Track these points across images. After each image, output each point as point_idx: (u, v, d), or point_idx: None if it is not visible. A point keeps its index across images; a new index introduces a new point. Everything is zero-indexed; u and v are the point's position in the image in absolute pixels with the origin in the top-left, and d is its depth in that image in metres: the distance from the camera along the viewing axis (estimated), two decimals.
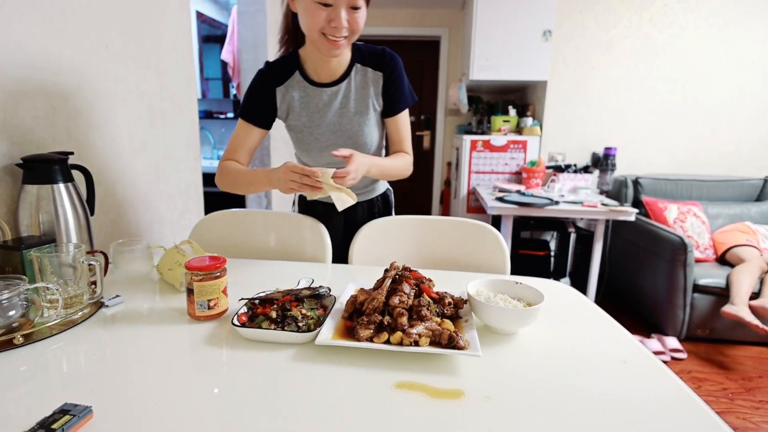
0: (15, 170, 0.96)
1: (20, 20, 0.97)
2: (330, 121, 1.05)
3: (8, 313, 0.66)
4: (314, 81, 1.05)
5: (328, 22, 0.88)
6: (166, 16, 1.48)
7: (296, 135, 1.10)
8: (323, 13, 0.87)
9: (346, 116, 1.05)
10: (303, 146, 1.10)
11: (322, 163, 1.11)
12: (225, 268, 0.77)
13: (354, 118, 1.05)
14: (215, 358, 0.64)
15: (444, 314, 0.73)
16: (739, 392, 1.82)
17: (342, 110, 1.05)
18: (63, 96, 1.09)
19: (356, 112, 1.05)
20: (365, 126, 1.06)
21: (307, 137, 1.07)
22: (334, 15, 0.87)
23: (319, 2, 0.86)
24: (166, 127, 1.51)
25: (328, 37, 0.90)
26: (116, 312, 0.79)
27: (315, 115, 1.05)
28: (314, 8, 0.87)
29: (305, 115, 1.06)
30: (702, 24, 2.79)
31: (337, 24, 0.88)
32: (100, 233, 1.23)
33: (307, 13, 0.89)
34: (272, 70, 1.05)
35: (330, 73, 1.04)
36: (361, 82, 1.05)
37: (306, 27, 0.92)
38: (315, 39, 0.92)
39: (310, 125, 1.06)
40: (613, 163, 2.87)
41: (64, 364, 0.62)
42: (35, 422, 0.46)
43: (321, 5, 0.87)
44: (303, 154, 1.14)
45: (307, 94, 1.05)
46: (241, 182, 1.01)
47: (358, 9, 0.89)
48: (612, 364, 0.65)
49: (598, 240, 2.42)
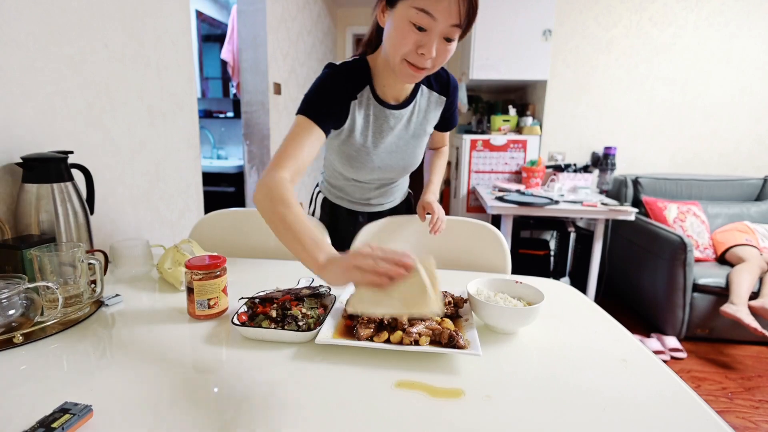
0: (15, 169, 0.96)
1: (20, 19, 0.96)
2: (388, 143, 1.00)
3: (8, 312, 0.66)
4: (383, 101, 0.95)
5: (416, 47, 0.77)
6: (166, 15, 1.48)
7: (350, 152, 1.00)
8: (415, 37, 0.76)
9: (404, 138, 1.02)
10: (355, 164, 1.02)
11: (369, 180, 1.08)
12: (225, 267, 0.77)
13: (411, 141, 1.03)
14: (215, 357, 0.64)
15: (444, 313, 0.74)
16: (738, 391, 1.82)
17: (402, 132, 1.01)
18: (63, 95, 1.09)
19: (414, 135, 1.03)
20: (419, 147, 1.06)
21: (363, 156, 1.00)
22: (425, 41, 0.76)
23: (414, 23, 0.75)
24: (166, 126, 1.51)
25: (411, 63, 0.80)
26: (116, 311, 0.79)
27: (377, 136, 0.99)
28: (407, 30, 0.76)
29: (369, 136, 0.98)
30: (702, 23, 2.79)
31: (426, 52, 0.77)
32: (100, 232, 1.23)
33: (397, 33, 0.78)
34: (348, 78, 0.91)
35: (398, 95, 0.96)
36: (425, 105, 1.02)
37: (391, 47, 0.81)
38: (396, 63, 0.81)
39: (371, 146, 0.99)
40: (612, 162, 2.87)
41: (64, 363, 0.62)
42: (35, 421, 0.46)
43: (415, 28, 0.75)
44: (350, 171, 1.05)
45: (375, 114, 0.96)
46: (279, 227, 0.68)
47: (451, 41, 0.78)
48: (612, 363, 0.65)
49: (597, 239, 2.42)
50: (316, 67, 3.57)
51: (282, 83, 2.75)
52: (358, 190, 1.12)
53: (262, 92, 2.54)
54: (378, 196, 1.16)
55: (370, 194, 1.14)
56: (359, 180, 1.08)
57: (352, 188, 1.12)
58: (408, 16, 0.75)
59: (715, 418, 0.52)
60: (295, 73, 3.04)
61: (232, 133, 3.42)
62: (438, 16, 0.73)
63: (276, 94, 2.65)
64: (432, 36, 0.76)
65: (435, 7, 0.72)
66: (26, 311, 0.68)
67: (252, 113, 2.58)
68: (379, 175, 1.07)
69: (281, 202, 0.69)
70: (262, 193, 0.72)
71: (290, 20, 2.86)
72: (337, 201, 1.17)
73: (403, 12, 0.75)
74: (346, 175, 1.08)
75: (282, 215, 0.68)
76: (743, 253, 2.22)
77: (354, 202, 1.17)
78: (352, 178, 1.08)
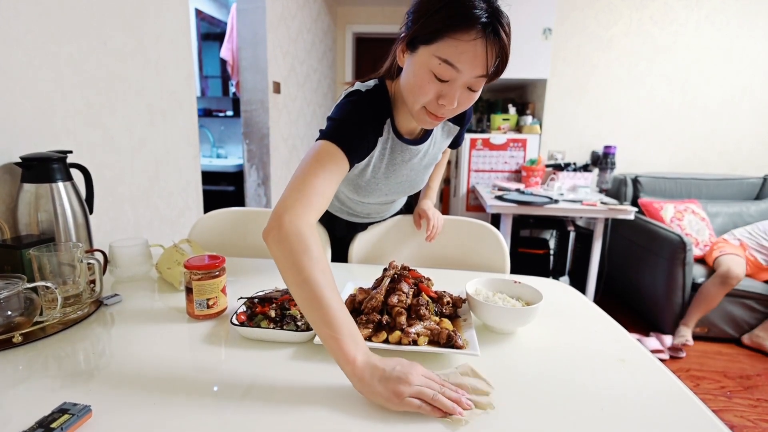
0: (14, 169, 0.96)
1: (19, 17, 0.96)
2: (401, 175, 0.96)
3: (7, 312, 0.66)
4: (401, 135, 0.88)
5: (437, 97, 0.70)
6: (166, 13, 1.47)
7: (360, 183, 0.94)
8: (436, 87, 0.69)
9: (416, 170, 0.98)
10: (362, 192, 0.97)
11: (373, 203, 1.06)
12: (224, 267, 0.78)
13: (421, 170, 1.00)
14: (214, 356, 0.64)
15: (443, 313, 0.74)
16: (737, 390, 1.83)
17: (416, 165, 0.97)
18: (62, 93, 1.09)
19: (426, 165, 1.00)
20: (428, 174, 1.04)
21: (372, 186, 0.95)
22: (447, 92, 0.69)
23: (435, 74, 0.67)
24: (166, 125, 1.51)
25: (430, 111, 0.73)
26: (115, 311, 0.79)
27: (390, 169, 0.93)
28: (427, 79, 0.68)
29: (381, 168, 0.92)
30: (702, 22, 2.79)
31: (447, 103, 0.70)
32: (99, 231, 1.23)
33: (417, 81, 0.70)
34: (377, 112, 0.81)
35: (414, 129, 0.90)
36: (440, 136, 0.98)
37: (409, 93, 0.73)
38: (414, 109, 0.74)
39: (381, 178, 0.94)
40: (612, 161, 2.87)
41: (63, 363, 0.62)
42: (34, 421, 0.47)
43: (436, 78, 0.68)
44: (355, 195, 0.99)
45: (392, 148, 0.89)
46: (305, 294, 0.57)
47: (475, 92, 0.71)
48: (610, 363, 0.65)
49: (597, 238, 2.42)
50: (315, 65, 3.57)
51: (282, 82, 2.75)
52: (359, 206, 1.09)
53: (262, 91, 2.54)
54: (378, 212, 1.15)
55: (370, 209, 1.12)
56: (362, 201, 1.05)
57: (354, 204, 1.09)
58: (429, 65, 0.67)
59: (713, 418, 0.53)
60: (295, 71, 3.03)
61: (232, 131, 3.42)
62: (462, 67, 0.65)
63: (275, 93, 2.65)
64: (454, 87, 0.68)
65: (458, 59, 0.64)
66: (25, 311, 0.68)
67: (251, 112, 2.58)
68: (384, 200, 1.05)
69: (319, 269, 0.57)
70: (286, 243, 0.59)
71: (290, 18, 2.85)
72: (337, 213, 1.14)
73: (425, 59, 0.67)
74: (350, 197, 1.03)
75: (318, 285, 0.56)
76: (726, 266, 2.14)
77: (354, 215, 1.14)
78: (354, 198, 1.04)
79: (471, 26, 0.62)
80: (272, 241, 0.61)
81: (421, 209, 1.14)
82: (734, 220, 2.62)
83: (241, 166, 2.87)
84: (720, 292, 2.10)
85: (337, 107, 0.80)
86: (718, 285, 2.09)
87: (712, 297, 2.11)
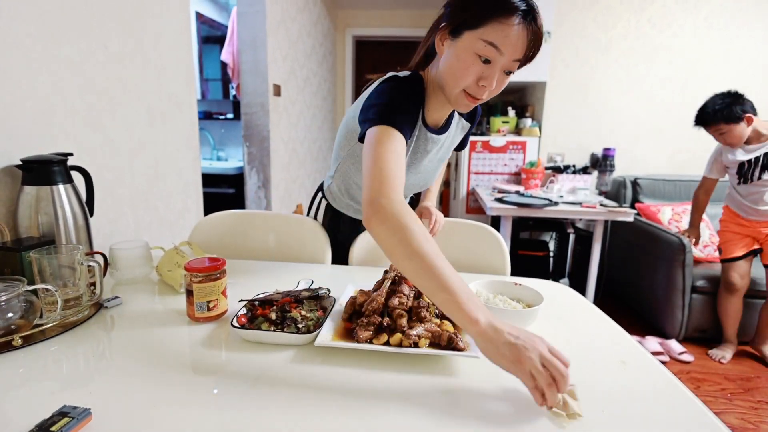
0: (14, 171, 0.96)
1: (19, 20, 0.96)
2: (420, 165, 0.99)
3: (7, 314, 0.66)
4: (428, 125, 0.92)
5: (477, 79, 0.75)
6: (166, 16, 1.48)
7: None
8: (479, 68, 0.74)
9: (433, 162, 1.02)
10: None
11: None
12: (224, 269, 0.77)
13: (436, 164, 1.03)
14: (215, 359, 0.64)
15: (443, 316, 0.74)
16: (737, 392, 1.82)
17: (434, 156, 1.00)
18: (62, 96, 1.09)
19: (441, 159, 1.03)
20: (439, 169, 1.07)
21: None
22: (488, 74, 0.74)
23: (480, 55, 0.72)
24: (166, 128, 1.51)
25: (469, 94, 0.78)
26: (115, 313, 0.79)
27: (413, 159, 0.95)
28: (471, 61, 0.74)
29: (408, 158, 0.93)
30: (701, 24, 2.80)
31: (488, 84, 0.75)
32: (99, 234, 1.23)
33: (461, 64, 0.75)
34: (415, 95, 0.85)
35: (439, 119, 0.94)
36: (455, 131, 1.02)
37: (451, 76, 0.77)
38: (454, 93, 0.79)
39: (407, 167, 0.95)
40: (611, 163, 2.87)
41: (63, 366, 0.62)
42: (34, 424, 0.46)
43: (480, 60, 0.73)
44: None
45: (418, 137, 0.92)
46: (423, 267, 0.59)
47: (510, 73, 0.77)
48: (611, 365, 0.65)
49: (597, 240, 2.42)
50: (315, 68, 3.58)
51: (282, 85, 2.76)
52: None
53: (262, 94, 2.55)
54: None
55: None
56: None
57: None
58: (475, 48, 0.73)
59: (714, 420, 0.53)
60: (295, 74, 3.04)
61: (232, 134, 3.42)
62: (505, 50, 0.71)
63: (276, 96, 2.66)
64: (495, 68, 0.74)
65: (504, 41, 0.71)
66: (25, 314, 0.68)
67: (252, 115, 2.58)
68: None
69: (424, 239, 0.60)
70: (389, 223, 0.62)
71: (290, 22, 2.86)
72: (343, 209, 1.14)
73: (470, 43, 0.73)
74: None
75: (429, 255, 0.59)
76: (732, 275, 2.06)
77: (359, 212, 1.15)
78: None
79: (513, 12, 0.70)
80: (376, 225, 0.64)
81: (423, 207, 1.16)
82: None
83: (241, 168, 2.87)
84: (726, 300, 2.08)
85: (377, 92, 0.82)
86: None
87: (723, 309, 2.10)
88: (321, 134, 3.89)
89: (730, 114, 1.93)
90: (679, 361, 2.06)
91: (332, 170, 1.08)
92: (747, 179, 1.98)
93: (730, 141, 1.96)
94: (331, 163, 1.08)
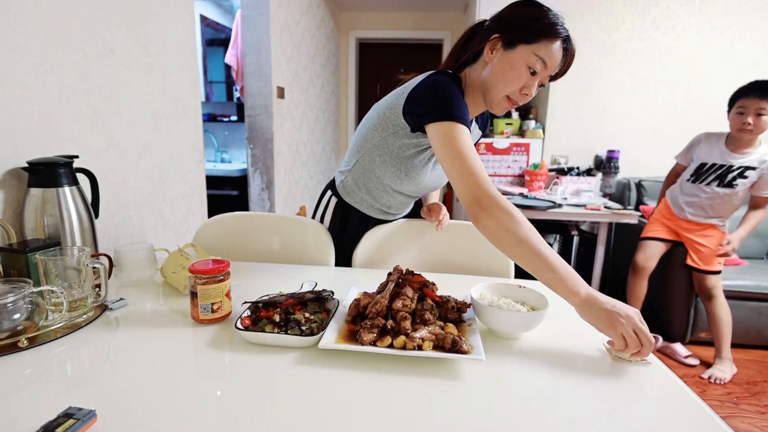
0: (21, 173, 0.97)
1: (26, 25, 0.97)
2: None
3: (13, 316, 0.66)
4: None
5: (521, 88, 0.86)
6: (171, 20, 1.49)
7: (411, 164, 0.98)
8: (525, 79, 0.85)
9: None
10: (404, 177, 1.00)
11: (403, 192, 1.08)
12: (228, 271, 0.78)
13: None
14: (218, 361, 0.64)
15: (447, 318, 0.73)
16: (744, 397, 1.81)
17: None
18: (68, 99, 1.10)
19: None
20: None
21: (418, 171, 0.99)
22: (531, 83, 0.85)
23: (530, 67, 0.83)
24: (170, 130, 1.52)
25: (511, 99, 0.88)
26: (120, 315, 0.80)
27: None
28: (523, 71, 0.84)
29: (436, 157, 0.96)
30: (705, 26, 2.79)
31: (529, 93, 0.86)
32: (104, 236, 1.23)
33: (514, 73, 0.84)
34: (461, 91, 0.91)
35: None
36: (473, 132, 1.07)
37: (500, 83, 0.87)
38: (498, 97, 0.88)
39: (432, 164, 1.00)
40: (616, 165, 2.86)
41: (68, 368, 0.62)
42: (39, 426, 0.46)
43: (529, 71, 0.84)
44: (393, 181, 1.02)
45: None
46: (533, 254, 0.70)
47: (540, 88, 0.88)
48: (616, 369, 0.64)
49: (601, 243, 2.41)
50: (319, 71, 3.59)
51: (285, 87, 2.77)
52: (386, 196, 1.08)
53: (266, 96, 2.56)
54: (399, 206, 1.14)
55: (394, 201, 1.10)
56: (394, 189, 1.05)
57: (382, 192, 1.07)
58: (527, 61, 0.83)
59: (720, 424, 0.52)
60: (299, 77, 3.05)
61: (236, 136, 3.44)
62: (549, 65, 0.83)
63: (279, 98, 2.67)
64: (537, 80, 0.85)
65: (551, 58, 0.83)
66: (31, 315, 0.68)
67: (255, 117, 2.59)
68: (416, 190, 1.07)
69: (528, 227, 0.71)
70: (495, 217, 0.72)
71: (293, 24, 2.87)
72: (356, 204, 1.12)
73: (523, 56, 0.83)
74: (384, 182, 1.04)
75: (534, 241, 0.70)
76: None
77: (373, 208, 1.12)
78: (389, 184, 1.04)
79: (560, 35, 0.83)
80: (484, 220, 0.74)
81: (433, 204, 1.19)
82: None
83: (244, 170, 2.88)
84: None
85: (429, 86, 0.86)
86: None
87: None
88: (324, 136, 3.90)
89: None
90: (685, 365, 2.05)
91: (350, 164, 1.07)
92: (698, 179, 1.98)
93: (760, 125, 1.78)
94: (348, 157, 1.08)
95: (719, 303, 1.97)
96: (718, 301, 1.97)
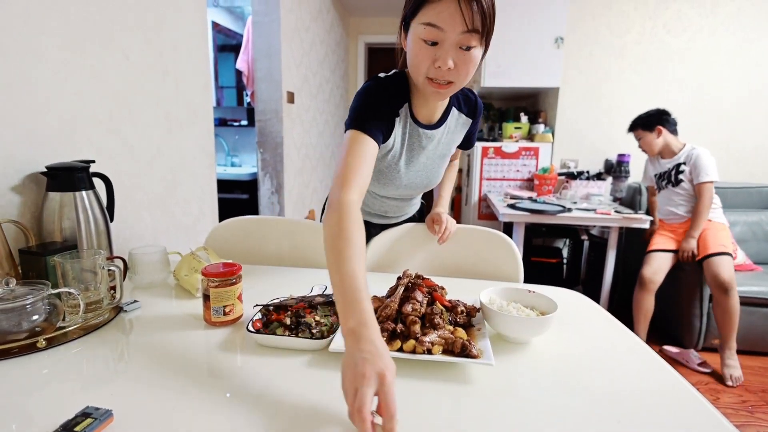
0: (39, 178, 0.99)
1: (45, 32, 1.00)
2: (419, 162, 1.01)
3: (32, 317, 0.68)
4: (418, 121, 0.95)
5: (433, 62, 0.77)
6: (184, 26, 1.52)
7: (382, 168, 1.00)
8: (429, 52, 0.76)
9: (432, 158, 1.03)
10: (383, 180, 1.02)
11: (392, 196, 1.10)
12: (240, 274, 0.79)
13: (436, 160, 1.05)
14: (230, 363, 0.65)
15: (457, 322, 0.74)
16: (759, 405, 1.77)
17: (431, 153, 1.02)
18: (85, 105, 1.12)
19: (441, 155, 1.05)
20: (442, 166, 1.08)
21: (393, 174, 1.01)
22: (440, 54, 0.76)
23: (425, 40, 0.75)
24: (183, 134, 1.55)
25: (432, 79, 0.80)
26: (134, 317, 0.81)
27: (409, 155, 0.99)
28: (420, 46, 0.77)
29: (402, 154, 0.98)
30: (718, 28, 2.76)
31: (442, 64, 0.76)
32: (118, 237, 1.26)
33: (414, 53, 0.79)
34: (392, 93, 0.90)
35: (430, 115, 0.96)
36: (454, 126, 1.03)
37: (412, 67, 0.82)
38: (420, 83, 0.82)
39: (403, 165, 1.00)
40: (626, 169, 2.84)
41: (84, 368, 0.63)
42: (58, 424, 0.48)
43: (427, 43, 0.76)
44: (376, 186, 1.05)
45: (410, 133, 0.95)
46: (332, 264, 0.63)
47: (470, 49, 0.75)
48: (627, 374, 0.64)
49: (611, 247, 2.39)
50: (328, 75, 3.62)
51: (295, 92, 2.79)
52: (378, 202, 1.13)
53: (276, 101, 2.58)
54: (395, 209, 1.17)
55: (388, 207, 1.15)
56: (381, 195, 1.09)
57: (372, 200, 1.13)
58: (419, 34, 0.76)
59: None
60: (308, 82, 3.08)
61: (246, 141, 3.47)
62: (444, 26, 0.73)
63: (289, 103, 2.69)
64: (445, 47, 0.75)
65: (438, 18, 0.72)
66: (49, 316, 0.70)
67: (266, 121, 2.62)
68: (402, 192, 1.08)
69: (344, 236, 0.65)
70: (333, 219, 0.67)
71: (303, 30, 2.90)
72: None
73: (414, 31, 0.77)
74: (369, 189, 1.07)
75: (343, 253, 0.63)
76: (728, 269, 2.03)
77: (371, 214, 1.18)
78: (374, 192, 1.09)
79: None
80: (325, 220, 0.70)
81: (435, 214, 1.17)
82: (753, 229, 2.56)
83: (255, 174, 2.91)
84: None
85: (357, 95, 0.88)
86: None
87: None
88: (333, 140, 3.92)
89: (646, 122, 2.25)
90: (697, 372, 2.02)
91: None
92: (660, 188, 2.34)
93: (643, 147, 2.32)
94: None
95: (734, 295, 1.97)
96: (734, 293, 1.97)
